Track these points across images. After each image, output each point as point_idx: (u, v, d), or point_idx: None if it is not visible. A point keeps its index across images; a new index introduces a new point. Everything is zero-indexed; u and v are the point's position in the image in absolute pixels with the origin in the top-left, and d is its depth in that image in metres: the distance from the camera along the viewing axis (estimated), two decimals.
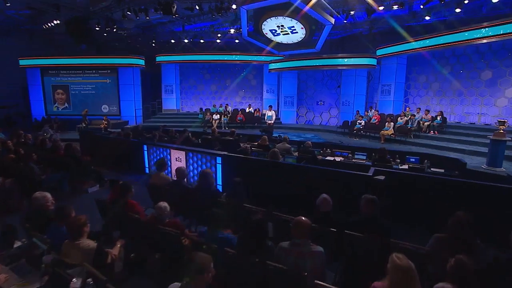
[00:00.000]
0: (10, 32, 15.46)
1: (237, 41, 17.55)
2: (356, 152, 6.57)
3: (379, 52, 13.88)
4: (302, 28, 10.56)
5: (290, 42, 11.59)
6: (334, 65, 14.38)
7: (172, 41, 17.36)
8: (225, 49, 18.28)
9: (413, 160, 6.22)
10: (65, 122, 14.89)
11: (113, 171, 7.58)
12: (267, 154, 5.65)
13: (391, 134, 11.07)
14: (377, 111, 13.19)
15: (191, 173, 6.75)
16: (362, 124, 12.28)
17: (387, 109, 13.76)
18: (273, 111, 11.47)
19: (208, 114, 15.36)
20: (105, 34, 15.58)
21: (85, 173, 6.40)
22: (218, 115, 15.16)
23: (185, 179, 4.52)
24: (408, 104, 14.04)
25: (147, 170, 7.69)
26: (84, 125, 13.79)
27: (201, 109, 16.69)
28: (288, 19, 9.99)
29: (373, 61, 14.01)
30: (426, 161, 5.85)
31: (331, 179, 4.67)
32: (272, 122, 11.37)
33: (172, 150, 6.97)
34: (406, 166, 5.92)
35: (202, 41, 17.31)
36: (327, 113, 16.37)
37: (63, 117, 15.68)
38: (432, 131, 11.16)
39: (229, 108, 16.86)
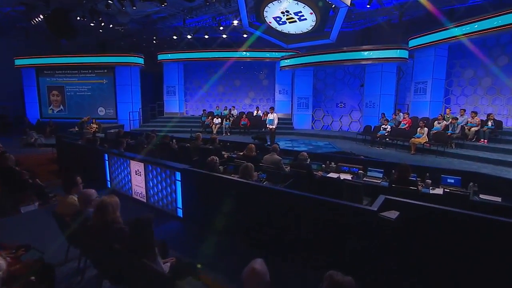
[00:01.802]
0: (7, 31, 15.46)
1: (245, 35, 16.54)
2: (369, 168, 5.10)
3: (412, 42, 12.32)
4: (311, 13, 9.17)
5: (299, 32, 10.20)
6: (356, 59, 12.98)
7: (174, 37, 16.62)
8: (233, 45, 17.33)
9: (452, 181, 4.58)
10: (60, 126, 14.52)
11: None
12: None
13: (424, 142, 9.34)
14: (408, 113, 11.56)
15: (151, 191, 5.56)
16: (388, 130, 10.65)
17: (422, 112, 12.05)
18: (274, 114, 10.33)
19: (209, 117, 14.33)
20: (100, 31, 15.14)
21: (20, 189, 5.36)
22: (219, 119, 14.19)
23: (91, 208, 3.23)
24: (450, 105, 12.17)
25: (108, 184, 6.75)
26: (76, 130, 13.24)
27: (204, 111, 15.98)
28: (293, 2, 8.63)
29: (403, 54, 12.45)
30: (471, 183, 4.23)
31: (316, 211, 3.36)
32: (274, 127, 10.13)
33: (131, 161, 5.97)
34: (440, 190, 4.32)
35: (206, 36, 16.50)
36: (347, 117, 15.19)
37: (58, 121, 15.35)
38: (481, 139, 9.21)
39: (235, 111, 16.05)
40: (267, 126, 10.36)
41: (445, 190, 4.09)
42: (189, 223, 4.84)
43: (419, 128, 9.73)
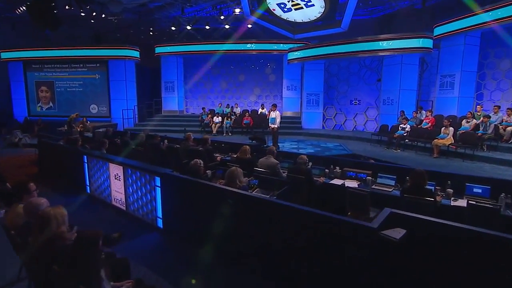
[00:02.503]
0: None
1: (250, 26, 16.32)
2: (380, 174, 4.78)
3: (438, 30, 11.84)
4: None
5: (306, 20, 9.85)
6: (373, 50, 12.59)
7: (173, 28, 16.50)
8: (236, 36, 17.08)
9: (480, 191, 4.16)
10: (49, 124, 14.60)
11: (47, 189, 6.80)
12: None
13: (449, 144, 8.88)
14: (431, 111, 11.10)
15: (131, 198, 5.35)
16: (407, 129, 10.24)
17: (449, 109, 11.56)
18: (277, 112, 10.12)
19: (209, 116, 14.14)
20: (92, 21, 15.12)
21: None
22: (220, 118, 14.03)
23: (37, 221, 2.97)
24: (482, 101, 11.62)
25: (88, 189, 6.64)
26: (65, 129, 13.23)
27: (204, 108, 15.85)
28: None
29: (428, 43, 11.97)
30: (503, 194, 3.84)
31: (300, 225, 3.09)
32: (276, 126, 9.82)
33: (110, 164, 5.84)
34: (464, 202, 3.88)
35: (207, 27, 16.31)
36: (362, 115, 14.90)
37: (47, 119, 15.45)
38: None
39: (237, 109, 15.94)
40: (269, 125, 10.02)
41: (470, 201, 3.68)
42: (169, 235, 4.67)
43: (443, 128, 9.28)
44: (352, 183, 4.77)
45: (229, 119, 14.09)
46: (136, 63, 16.59)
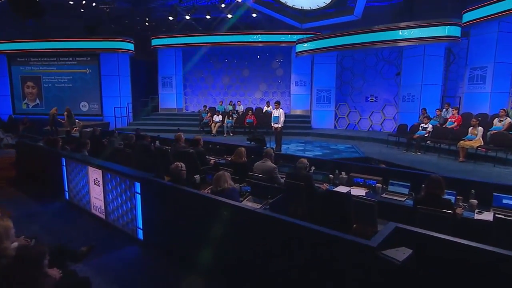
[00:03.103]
0: None
1: (254, 15, 16.23)
2: (392, 181, 4.60)
3: (468, 16, 11.55)
4: None
5: (314, 7, 9.63)
6: (392, 40, 12.38)
7: (170, 18, 16.48)
8: (240, 27, 17.03)
9: (511, 202, 3.88)
10: (36, 123, 14.69)
11: (22, 194, 6.84)
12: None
13: (478, 146, 8.57)
14: (457, 109, 10.79)
15: (111, 205, 5.26)
16: (428, 129, 10.03)
17: (480, 106, 11.28)
18: (281, 110, 9.99)
19: (208, 114, 14.05)
20: (82, 10, 15.17)
21: None
22: (220, 117, 13.98)
23: None
24: None
25: (66, 195, 6.58)
26: (50, 129, 13.27)
27: (205, 106, 15.89)
28: None
29: (455, 31, 11.67)
30: None
31: (291, 241, 2.91)
32: (280, 126, 9.79)
33: (90, 168, 5.78)
34: (490, 215, 3.66)
35: (208, 17, 16.27)
36: (379, 114, 14.76)
37: (34, 117, 15.55)
38: None
39: (240, 107, 15.95)
40: (272, 125, 9.89)
41: (497, 215, 3.41)
42: (150, 248, 4.56)
43: (471, 128, 8.97)
44: (359, 191, 4.62)
45: (230, 117, 13.95)
46: (130, 56, 16.64)
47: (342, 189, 4.78)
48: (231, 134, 13.67)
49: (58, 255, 3.21)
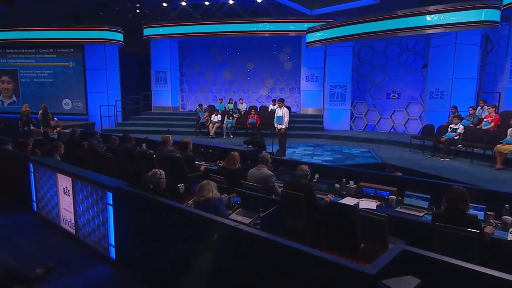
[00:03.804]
0: None
1: (259, 0, 16.22)
2: (408, 192, 4.49)
3: None
4: None
5: None
6: (417, 27, 12.30)
7: (164, 4, 16.55)
8: (243, 14, 17.03)
9: None
10: (13, 123, 14.80)
11: None
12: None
13: None
14: (495, 107, 10.61)
15: (82, 219, 5.22)
16: (459, 131, 9.88)
17: None
18: (284, 109, 9.97)
19: (206, 114, 14.05)
20: None
21: None
22: (219, 116, 14.04)
23: None
24: None
25: (34, 206, 6.55)
26: (22, 129, 13.36)
27: (200, 105, 15.91)
28: None
29: (493, 15, 11.47)
30: None
31: (275, 264, 2.80)
32: (284, 127, 9.84)
33: (59, 175, 5.71)
34: None
35: (207, 3, 16.34)
36: (402, 113, 14.66)
37: (9, 116, 15.64)
38: None
39: (243, 105, 15.99)
40: (275, 125, 9.89)
41: None
42: (123, 269, 4.48)
43: (511, 129, 8.81)
44: (369, 203, 4.51)
45: (230, 117, 13.94)
46: (119, 48, 16.75)
47: (349, 201, 4.72)
48: (231, 136, 13.63)
49: (4, 279, 3.10)
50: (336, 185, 5.04)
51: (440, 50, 12.63)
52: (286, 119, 9.76)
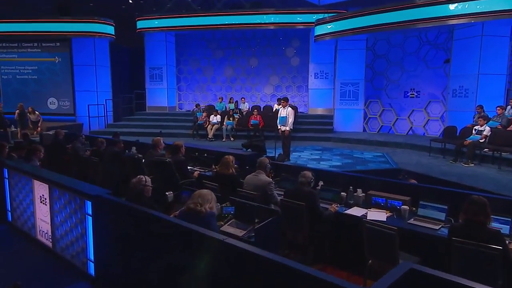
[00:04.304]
0: None
1: None
2: (423, 202, 4.45)
3: None
4: None
5: None
6: (438, 18, 12.25)
7: None
8: (246, 5, 17.11)
9: None
10: None
11: None
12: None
13: None
14: None
15: (59, 230, 5.26)
16: (485, 133, 9.81)
17: None
18: (289, 109, 9.95)
19: (204, 114, 14.14)
20: None
21: None
22: (219, 117, 14.14)
23: None
24: None
25: (9, 216, 6.57)
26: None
27: (197, 105, 16.05)
28: None
29: None
30: None
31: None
32: (288, 129, 9.86)
33: (35, 181, 5.72)
34: None
35: None
36: (422, 113, 14.66)
37: None
38: None
39: (245, 105, 16.12)
40: (278, 127, 9.92)
41: None
42: (103, 286, 4.52)
43: None
44: (378, 215, 4.48)
45: (231, 118, 13.97)
46: (110, 42, 16.84)
47: (356, 211, 4.70)
48: (232, 139, 13.62)
49: None
50: (342, 193, 5.03)
51: (464, 43, 12.62)
52: (291, 120, 9.75)
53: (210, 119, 14.04)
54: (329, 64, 15.85)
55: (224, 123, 13.88)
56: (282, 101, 10.02)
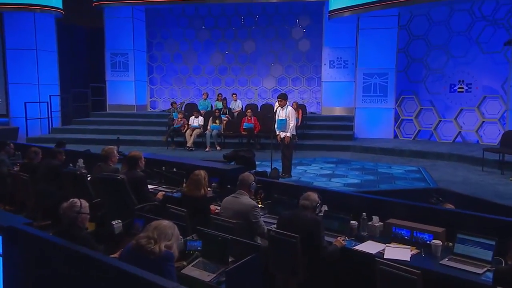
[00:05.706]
0: None
1: None
2: (461, 235, 4.36)
3: None
4: None
5: None
6: None
7: None
8: None
9: None
10: None
11: None
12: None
13: None
14: None
15: None
16: None
17: None
18: (289, 109, 10.07)
19: (180, 116, 14.27)
20: None
21: None
22: (201, 119, 14.20)
23: None
24: None
25: None
26: None
27: (174, 103, 16.16)
28: None
29: None
30: None
31: None
32: (289, 135, 9.93)
33: None
34: None
35: None
36: (473, 113, 14.74)
37: None
38: None
39: (237, 103, 16.20)
40: (276, 133, 10.00)
41: None
42: None
43: None
44: (400, 252, 4.37)
45: (217, 121, 13.96)
46: (58, 18, 16.98)
47: (371, 246, 4.64)
48: (218, 148, 13.65)
49: None
50: (352, 222, 4.98)
51: None
52: (292, 123, 9.80)
53: (190, 122, 14.02)
54: (349, 48, 16.02)
55: (208, 127, 13.84)
56: (278, 99, 10.04)
